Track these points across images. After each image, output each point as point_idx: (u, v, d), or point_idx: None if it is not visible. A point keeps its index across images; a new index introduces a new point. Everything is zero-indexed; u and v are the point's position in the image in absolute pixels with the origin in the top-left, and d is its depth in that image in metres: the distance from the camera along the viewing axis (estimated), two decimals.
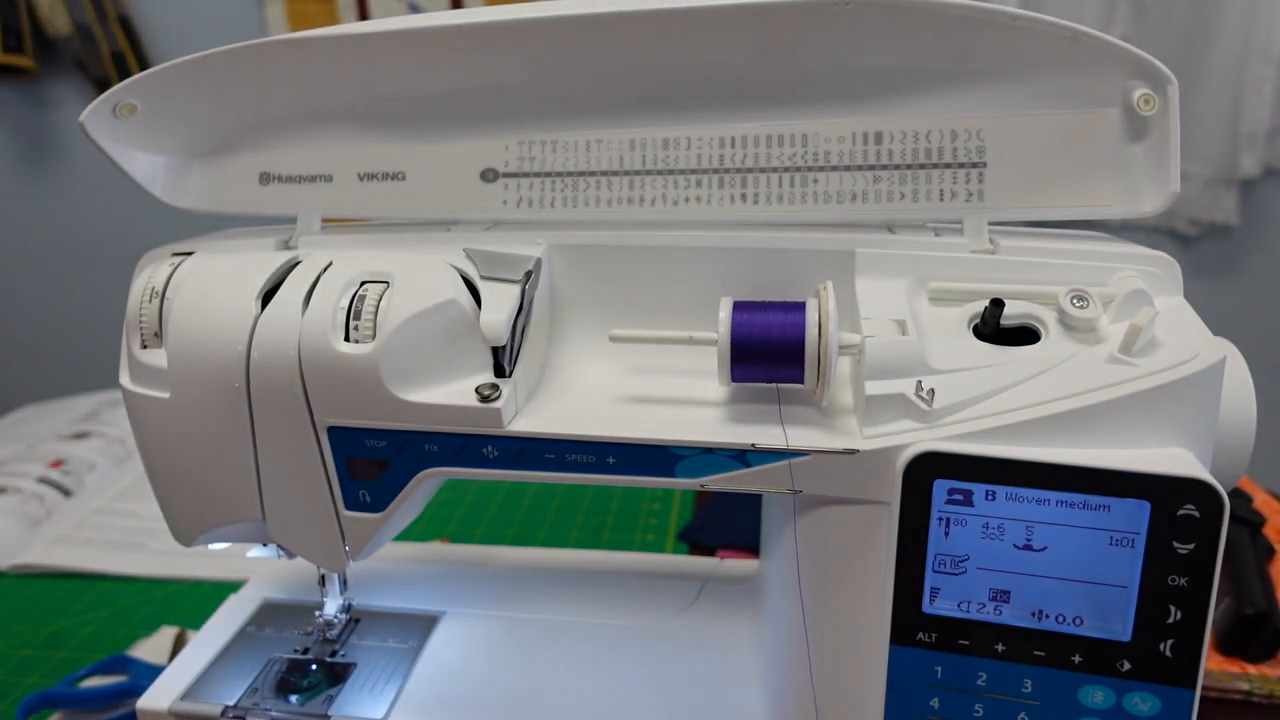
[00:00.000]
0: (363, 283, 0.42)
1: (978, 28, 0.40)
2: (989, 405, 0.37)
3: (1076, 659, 0.36)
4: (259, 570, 0.62)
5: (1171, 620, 0.35)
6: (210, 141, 0.48)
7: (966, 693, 0.38)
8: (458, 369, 0.41)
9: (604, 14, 0.41)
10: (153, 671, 0.55)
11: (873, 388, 0.37)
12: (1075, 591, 0.36)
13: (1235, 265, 1.73)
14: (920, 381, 0.37)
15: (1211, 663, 0.57)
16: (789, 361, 0.39)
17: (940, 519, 0.37)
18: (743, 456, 0.39)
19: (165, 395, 0.43)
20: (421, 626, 0.56)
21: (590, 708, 0.50)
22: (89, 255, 1.85)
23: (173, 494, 0.46)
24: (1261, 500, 0.75)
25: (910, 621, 0.38)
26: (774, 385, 0.42)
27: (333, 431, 0.42)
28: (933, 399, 0.37)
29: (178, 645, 0.63)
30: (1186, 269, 0.41)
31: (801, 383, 0.40)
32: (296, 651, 0.54)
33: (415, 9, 1.67)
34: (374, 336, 0.40)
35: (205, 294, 0.43)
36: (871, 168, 0.44)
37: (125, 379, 0.45)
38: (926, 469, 0.36)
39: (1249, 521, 0.67)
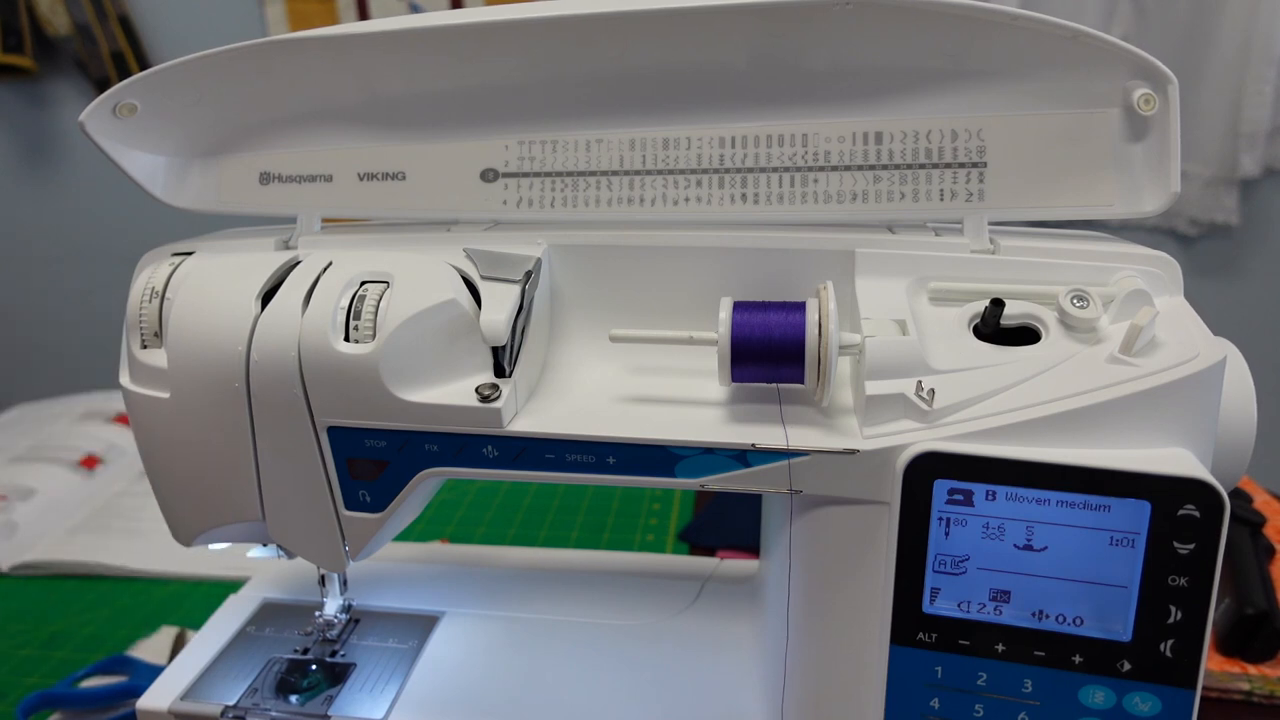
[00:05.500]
0: (363, 283, 0.42)
1: (978, 27, 0.40)
2: (989, 405, 0.37)
3: (1077, 659, 0.36)
4: (259, 570, 0.62)
5: (1172, 620, 0.35)
6: (210, 141, 0.48)
7: (967, 693, 0.38)
8: (458, 369, 0.41)
9: (604, 14, 0.41)
10: (153, 671, 0.55)
11: (873, 388, 0.37)
12: (1075, 592, 0.36)
13: (1235, 265, 1.73)
14: (920, 381, 0.37)
15: (1212, 663, 0.57)
16: (789, 361, 0.39)
17: (940, 519, 0.36)
18: (743, 456, 0.39)
19: (165, 395, 0.43)
20: (421, 626, 0.56)
21: (590, 708, 0.50)
22: (89, 255, 1.85)
23: (173, 494, 0.46)
24: (1261, 500, 0.75)
25: (910, 621, 0.38)
26: (774, 385, 0.42)
27: (333, 431, 0.42)
28: (933, 399, 0.37)
29: (178, 645, 0.63)
30: (1186, 269, 0.41)
31: (801, 383, 0.40)
32: (296, 651, 0.54)
33: (415, 9, 1.67)
34: (374, 336, 0.40)
35: (205, 294, 0.43)
36: (871, 168, 0.44)
37: (125, 379, 0.45)
38: (926, 469, 0.36)
39: (1249, 521, 0.67)
